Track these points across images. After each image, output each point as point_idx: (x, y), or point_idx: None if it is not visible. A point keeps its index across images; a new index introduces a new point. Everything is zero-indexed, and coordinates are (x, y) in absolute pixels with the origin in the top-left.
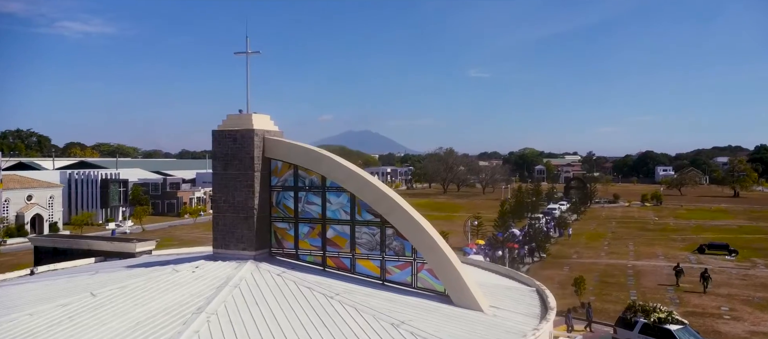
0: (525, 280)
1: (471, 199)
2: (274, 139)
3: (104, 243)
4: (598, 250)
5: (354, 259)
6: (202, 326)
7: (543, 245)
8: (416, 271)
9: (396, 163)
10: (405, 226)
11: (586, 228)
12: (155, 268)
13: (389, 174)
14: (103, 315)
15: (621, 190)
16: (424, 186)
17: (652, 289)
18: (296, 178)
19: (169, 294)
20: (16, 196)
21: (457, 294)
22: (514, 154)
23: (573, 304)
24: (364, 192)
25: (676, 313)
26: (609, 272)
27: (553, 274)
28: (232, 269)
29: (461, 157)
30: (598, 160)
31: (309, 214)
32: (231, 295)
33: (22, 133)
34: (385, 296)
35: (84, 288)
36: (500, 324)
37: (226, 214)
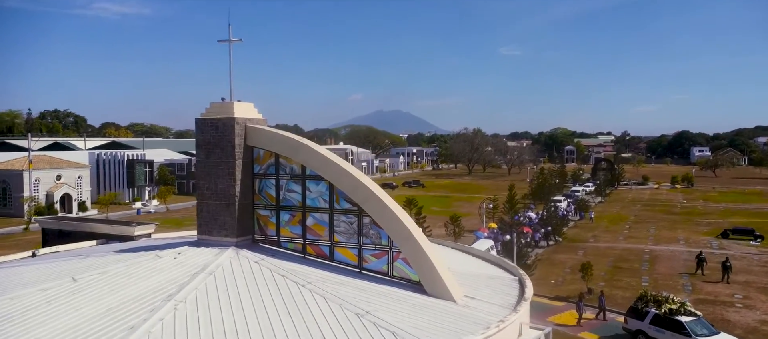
0: (510, 269)
1: (495, 181)
2: (256, 127)
3: (105, 226)
4: (617, 234)
5: (333, 247)
6: (168, 314)
7: (559, 229)
8: (392, 260)
9: (422, 143)
10: (380, 215)
11: (609, 211)
12: (141, 253)
13: (414, 154)
14: (79, 300)
15: (652, 171)
16: (451, 166)
17: (666, 275)
18: (277, 166)
19: (147, 280)
20: (46, 176)
21: (430, 283)
22: (544, 134)
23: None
24: (341, 180)
25: (689, 303)
26: (624, 257)
27: (565, 258)
28: (213, 256)
29: (490, 137)
30: (632, 140)
31: (290, 201)
32: (204, 282)
33: (60, 114)
34: (358, 285)
35: (68, 273)
36: (469, 315)
37: (209, 201)
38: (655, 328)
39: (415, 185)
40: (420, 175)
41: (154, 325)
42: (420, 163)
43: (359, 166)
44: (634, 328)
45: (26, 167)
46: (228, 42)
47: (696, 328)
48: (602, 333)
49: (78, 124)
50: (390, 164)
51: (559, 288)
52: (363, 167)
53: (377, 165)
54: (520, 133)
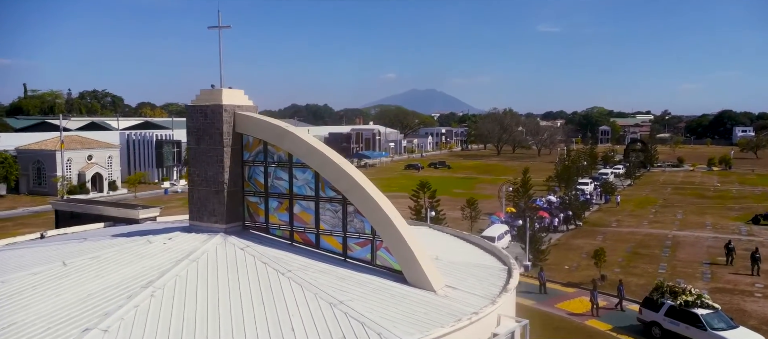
0: (502, 258)
1: (523, 162)
2: (244, 114)
3: (112, 209)
4: (641, 219)
5: (318, 235)
6: (144, 300)
7: (579, 213)
8: (375, 249)
9: (452, 124)
10: (362, 204)
11: (637, 194)
12: (134, 238)
13: (443, 134)
14: (64, 285)
15: (689, 152)
16: (480, 147)
17: (685, 262)
18: (265, 153)
19: (132, 266)
20: (78, 156)
21: (410, 273)
22: (578, 114)
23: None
24: (325, 169)
25: (707, 295)
26: (645, 243)
27: (583, 243)
28: (200, 242)
29: (522, 117)
30: (672, 120)
31: (277, 189)
32: (186, 269)
33: (98, 94)
34: (339, 274)
35: (62, 257)
36: (446, 305)
37: (200, 187)
38: (670, 320)
39: (441, 166)
40: (447, 156)
41: (128, 311)
42: (449, 144)
43: (387, 147)
44: (648, 319)
45: (59, 147)
46: (217, 28)
47: (713, 322)
48: (616, 323)
49: (115, 104)
50: (418, 144)
51: (572, 274)
52: (391, 147)
53: (405, 145)
54: (554, 113)
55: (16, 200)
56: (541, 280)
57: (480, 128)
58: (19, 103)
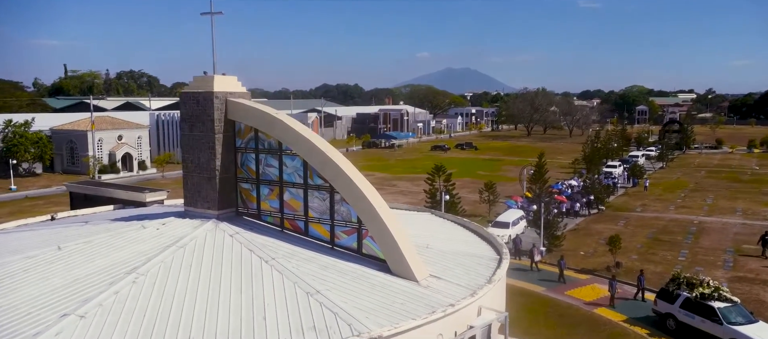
0: (496, 247)
1: (554, 143)
2: (236, 101)
3: (122, 192)
4: (668, 203)
5: (307, 223)
6: (125, 287)
7: (602, 197)
8: (361, 238)
9: (484, 104)
10: (348, 192)
11: (668, 177)
12: (131, 223)
13: (474, 115)
14: (53, 270)
15: (730, 133)
16: (511, 128)
17: (708, 249)
18: (256, 140)
19: (121, 251)
20: (108, 137)
21: (393, 262)
22: (615, 93)
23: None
24: (312, 156)
25: (726, 288)
26: (668, 229)
27: (603, 228)
28: (191, 228)
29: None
30: (715, 98)
31: (268, 176)
32: (173, 255)
33: (135, 74)
34: (323, 262)
35: (59, 240)
36: (425, 296)
37: (193, 174)
38: (685, 313)
39: (468, 147)
40: (476, 137)
41: (107, 297)
42: (479, 124)
43: (415, 127)
44: (663, 310)
45: (90, 128)
46: (210, 15)
47: (730, 315)
48: (631, 313)
49: (151, 84)
50: (447, 125)
51: (587, 260)
52: (419, 128)
53: (433, 126)
54: (592, 92)
55: (51, 179)
56: (560, 268)
57: (510, 108)
58: (60, 83)
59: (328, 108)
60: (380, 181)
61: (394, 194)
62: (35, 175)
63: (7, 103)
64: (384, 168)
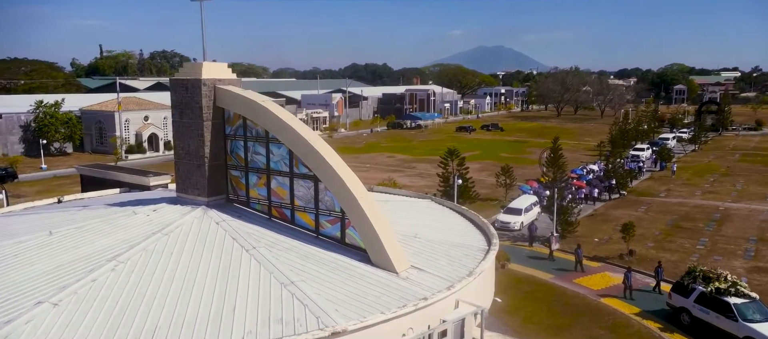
0: (489, 236)
1: (583, 124)
2: (223, 88)
3: (127, 175)
4: (695, 188)
5: (293, 211)
6: (103, 274)
7: (624, 183)
8: (345, 227)
9: (514, 83)
10: (330, 182)
11: (699, 160)
12: (125, 208)
13: (503, 95)
14: (39, 255)
15: None
16: (541, 108)
17: (730, 237)
18: (245, 127)
19: (108, 238)
20: (135, 117)
21: (374, 253)
22: (652, 72)
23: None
24: (296, 145)
25: (744, 283)
26: (691, 215)
27: (622, 214)
28: (180, 215)
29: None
30: (761, 77)
31: (256, 163)
32: (156, 242)
33: (167, 54)
34: (304, 251)
35: (52, 225)
36: (402, 289)
37: (184, 161)
38: (700, 308)
39: (493, 129)
40: (504, 117)
41: (84, 285)
42: (508, 104)
43: (441, 108)
44: (678, 305)
45: (117, 109)
46: (199, 1)
47: (746, 312)
48: (645, 306)
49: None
50: (475, 105)
51: (600, 247)
52: (445, 108)
53: (461, 106)
54: (629, 71)
55: (80, 158)
56: (577, 257)
57: (540, 88)
58: (95, 63)
59: (354, 88)
60: (400, 163)
61: (412, 177)
62: (66, 154)
63: (43, 84)
64: (406, 149)
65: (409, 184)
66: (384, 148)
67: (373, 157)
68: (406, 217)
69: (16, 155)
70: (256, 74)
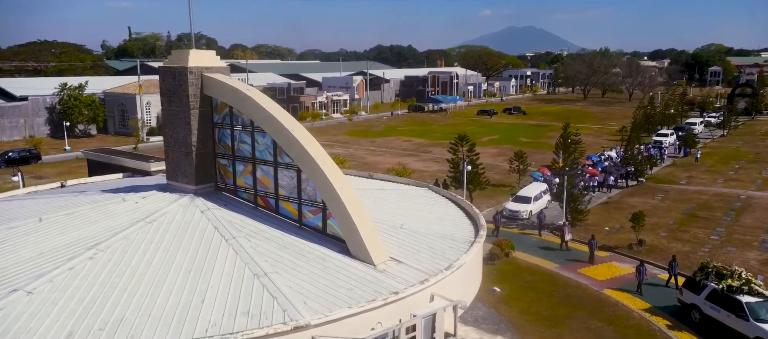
0: (479, 227)
1: (610, 108)
2: (210, 76)
3: (130, 161)
4: (718, 176)
5: (278, 200)
6: (81, 263)
7: (641, 169)
8: (326, 218)
9: (541, 65)
10: (310, 172)
11: (726, 146)
12: (118, 195)
13: (529, 77)
14: (26, 242)
15: None
16: (568, 91)
17: (747, 227)
18: (231, 116)
19: (93, 225)
20: (156, 100)
21: (352, 244)
22: (686, 52)
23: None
24: (278, 135)
25: (760, 281)
26: (709, 204)
27: (638, 202)
28: (167, 203)
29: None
30: None
31: (242, 152)
32: (139, 231)
33: (195, 36)
34: (284, 241)
35: (44, 211)
36: (376, 282)
37: (173, 148)
38: (711, 306)
39: (516, 112)
40: (528, 101)
41: (60, 273)
42: (533, 87)
43: (464, 90)
44: (688, 301)
45: (138, 91)
46: None
47: (759, 311)
48: (655, 302)
49: (209, 46)
50: (500, 88)
51: (610, 237)
52: (469, 91)
53: (485, 89)
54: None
55: (103, 140)
56: (590, 248)
57: (567, 70)
58: (124, 45)
59: (376, 70)
60: (416, 148)
61: (427, 161)
62: (90, 136)
63: (71, 66)
64: (424, 133)
65: (422, 168)
66: (402, 131)
67: (390, 141)
68: (397, 207)
69: (42, 137)
70: (281, 56)
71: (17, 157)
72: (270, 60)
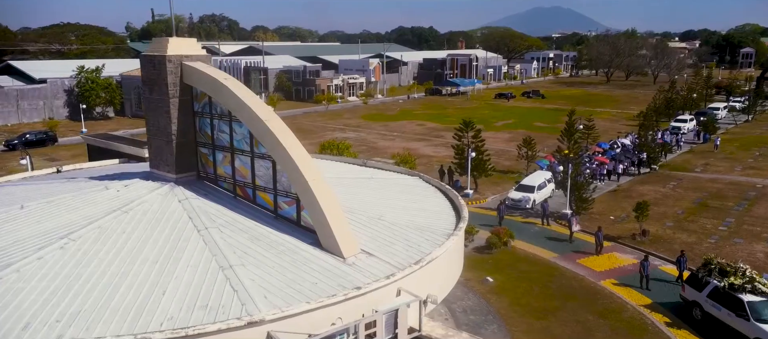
0: (461, 220)
1: (633, 91)
2: (189, 64)
3: (126, 146)
4: (735, 163)
5: (255, 191)
6: (50, 253)
7: (655, 157)
8: (300, 209)
9: (564, 47)
10: (283, 162)
11: (749, 133)
12: (102, 182)
13: (551, 59)
14: (3, 230)
15: None
16: (591, 73)
17: (759, 218)
18: (211, 105)
19: (71, 214)
20: None
21: (323, 237)
22: (717, 33)
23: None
24: (253, 125)
25: (765, 280)
26: (722, 193)
27: (648, 190)
28: (146, 191)
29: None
30: None
31: (221, 142)
32: (113, 220)
33: (216, 18)
34: (256, 233)
35: (27, 198)
36: (342, 275)
37: (155, 137)
38: (712, 303)
39: (534, 96)
40: (549, 84)
41: (29, 263)
42: (555, 70)
43: (484, 73)
44: (690, 298)
45: None
46: None
47: (761, 312)
48: (658, 298)
49: (231, 28)
50: (521, 70)
51: (615, 226)
52: (489, 74)
53: (505, 71)
54: (695, 32)
55: (121, 122)
56: (597, 239)
57: (591, 52)
58: (147, 27)
59: (395, 53)
60: (429, 132)
61: (437, 146)
62: (107, 118)
63: (93, 49)
64: (438, 117)
65: (431, 154)
66: (416, 115)
67: (403, 126)
68: (381, 197)
69: (60, 119)
70: (302, 38)
71: (34, 140)
72: (290, 42)
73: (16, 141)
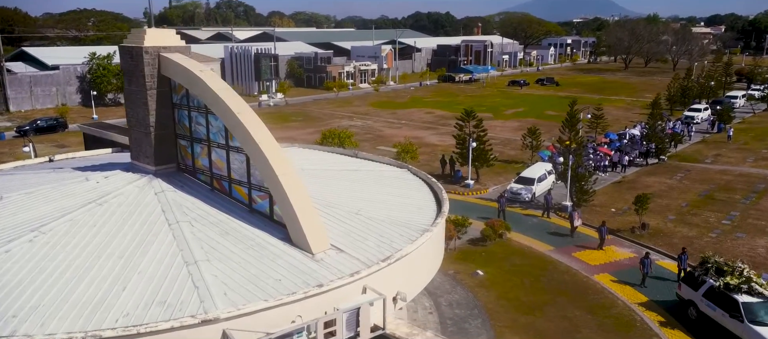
0: (439, 217)
1: (650, 78)
2: (166, 56)
3: (119, 136)
4: (748, 155)
5: (230, 184)
6: (19, 246)
7: (664, 147)
8: (272, 203)
9: (584, 33)
10: (254, 156)
11: (767, 123)
12: (84, 174)
13: (569, 45)
14: None
15: None
16: (610, 60)
17: (763, 212)
18: (188, 97)
19: (48, 205)
20: None
21: (293, 232)
22: (742, 19)
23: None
24: (226, 118)
25: (762, 281)
26: (729, 185)
27: (653, 182)
28: (124, 183)
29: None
30: None
31: (198, 134)
32: (86, 213)
33: (232, 3)
34: (228, 227)
35: (8, 189)
36: (309, 272)
37: (134, 128)
38: (707, 303)
39: (548, 83)
40: (565, 71)
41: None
42: (573, 56)
43: (499, 60)
44: (686, 297)
45: None
46: None
47: (758, 312)
48: (655, 296)
49: (247, 13)
50: (537, 57)
51: (615, 218)
52: (504, 60)
53: (521, 58)
54: (722, 17)
55: None
56: (600, 235)
57: (609, 38)
58: (165, 12)
59: (408, 39)
60: (437, 120)
61: (443, 135)
62: (119, 104)
63: (109, 35)
64: (448, 105)
65: (436, 142)
66: (426, 103)
67: (411, 113)
68: (362, 190)
69: (73, 105)
70: (318, 23)
71: (45, 126)
72: (306, 28)
73: (28, 127)
